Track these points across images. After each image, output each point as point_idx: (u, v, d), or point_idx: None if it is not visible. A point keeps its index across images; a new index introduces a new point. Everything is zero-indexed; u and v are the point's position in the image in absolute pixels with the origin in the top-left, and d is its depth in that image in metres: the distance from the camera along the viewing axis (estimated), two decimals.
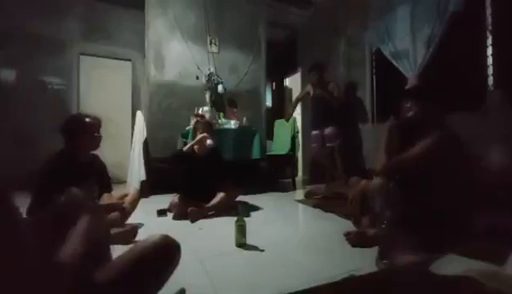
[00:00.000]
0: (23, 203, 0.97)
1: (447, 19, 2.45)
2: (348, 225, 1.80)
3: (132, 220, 1.88)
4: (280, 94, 5.64)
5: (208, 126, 2.43)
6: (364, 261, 1.26)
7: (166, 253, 0.75)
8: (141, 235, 1.74)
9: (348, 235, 1.53)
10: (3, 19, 3.41)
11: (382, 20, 3.10)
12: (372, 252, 1.28)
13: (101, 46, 4.00)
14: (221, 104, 3.65)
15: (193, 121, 3.15)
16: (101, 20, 3.98)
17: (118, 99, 4.31)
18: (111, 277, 0.61)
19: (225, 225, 1.91)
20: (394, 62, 2.95)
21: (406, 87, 2.70)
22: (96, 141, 1.60)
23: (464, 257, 0.64)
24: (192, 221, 2.05)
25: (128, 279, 0.63)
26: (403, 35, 2.86)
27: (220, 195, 2.26)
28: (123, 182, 3.34)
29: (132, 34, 4.07)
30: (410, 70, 2.80)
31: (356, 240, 1.47)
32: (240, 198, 2.63)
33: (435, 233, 1.07)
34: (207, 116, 3.31)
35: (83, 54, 3.92)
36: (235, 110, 3.64)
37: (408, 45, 2.80)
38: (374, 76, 3.41)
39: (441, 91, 2.37)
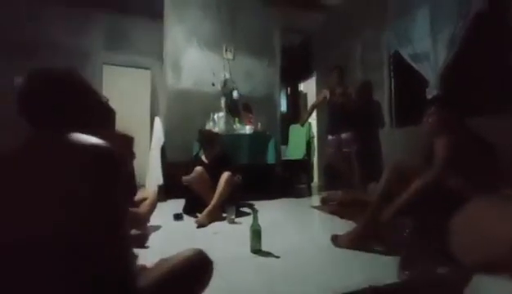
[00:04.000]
0: None
1: (470, 18, 2.35)
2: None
3: (150, 223, 1.93)
4: (295, 99, 5.62)
5: (212, 139, 2.57)
6: (384, 271, 1.21)
7: (199, 269, 0.71)
8: (159, 237, 1.78)
9: (334, 239, 1.56)
10: (34, 32, 3.66)
11: (400, 21, 3.02)
12: (393, 262, 1.22)
13: (122, 55, 4.19)
14: (236, 109, 3.69)
15: (208, 124, 3.23)
16: (122, 31, 4.18)
17: (137, 106, 4.47)
18: (145, 288, 0.58)
19: (240, 230, 1.91)
20: (414, 64, 2.86)
21: (430, 96, 2.62)
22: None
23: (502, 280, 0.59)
24: (199, 227, 2.06)
25: (160, 293, 0.60)
26: (423, 37, 2.77)
27: (218, 190, 2.27)
28: (141, 186, 3.43)
29: (150, 43, 4.22)
30: (430, 73, 2.69)
31: (342, 244, 1.50)
32: (255, 203, 2.62)
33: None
34: (222, 122, 3.36)
35: (105, 64, 4.12)
36: (250, 116, 3.66)
37: (428, 47, 2.71)
38: (392, 79, 3.32)
39: (463, 95, 2.28)
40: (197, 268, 0.70)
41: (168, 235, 1.89)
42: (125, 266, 0.52)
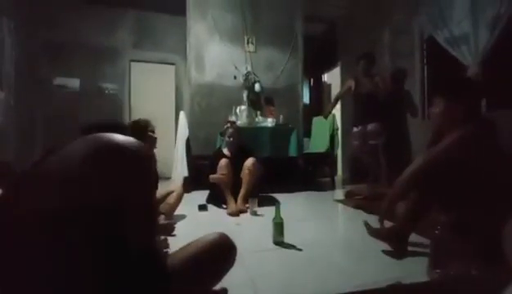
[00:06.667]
0: None
1: None
2: None
3: (176, 213, 2.02)
4: (319, 90, 5.47)
5: (235, 132, 2.58)
6: (412, 269, 1.16)
7: (223, 252, 0.73)
8: (185, 226, 1.86)
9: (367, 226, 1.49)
10: (70, 34, 3.92)
11: (435, 2, 2.79)
12: (422, 259, 1.17)
13: (148, 52, 4.34)
14: (258, 102, 3.68)
15: (231, 118, 3.26)
16: (147, 29, 4.33)
17: (163, 100, 4.64)
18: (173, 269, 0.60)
19: (262, 222, 1.93)
20: (450, 49, 2.64)
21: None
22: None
23: None
24: (234, 216, 2.16)
25: (185, 274, 0.63)
26: (461, 18, 2.54)
27: (247, 178, 2.36)
28: (167, 178, 3.59)
29: (175, 40, 4.33)
30: (470, 57, 2.47)
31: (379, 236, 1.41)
32: (277, 196, 2.62)
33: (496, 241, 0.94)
34: (244, 115, 3.37)
35: (133, 61, 4.31)
36: (272, 108, 3.63)
37: (468, 29, 2.48)
38: (425, 66, 3.10)
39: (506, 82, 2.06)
40: (221, 251, 0.72)
41: (193, 224, 1.97)
42: (155, 248, 0.56)
